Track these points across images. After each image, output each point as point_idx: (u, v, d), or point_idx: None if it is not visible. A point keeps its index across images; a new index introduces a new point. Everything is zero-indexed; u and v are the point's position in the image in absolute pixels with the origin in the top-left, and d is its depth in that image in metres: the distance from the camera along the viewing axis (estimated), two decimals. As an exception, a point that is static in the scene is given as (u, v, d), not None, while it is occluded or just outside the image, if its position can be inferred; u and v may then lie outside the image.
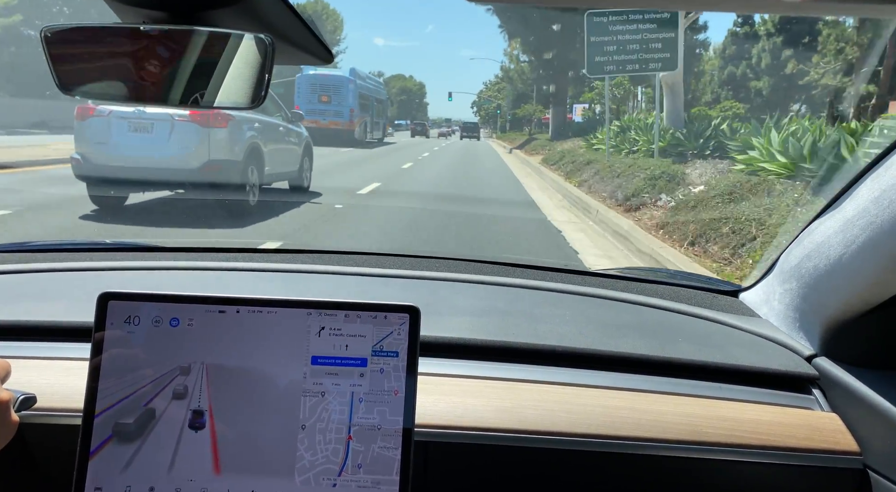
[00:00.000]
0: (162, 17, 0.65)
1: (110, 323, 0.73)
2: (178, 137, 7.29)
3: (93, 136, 7.25)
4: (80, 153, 7.21)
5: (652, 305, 1.21)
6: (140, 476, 0.71)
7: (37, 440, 0.83)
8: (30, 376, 0.86)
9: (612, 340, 1.03)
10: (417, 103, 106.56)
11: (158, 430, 0.72)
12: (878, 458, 0.85)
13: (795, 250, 1.06)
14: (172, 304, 0.74)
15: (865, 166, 0.92)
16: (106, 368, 0.73)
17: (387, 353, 0.74)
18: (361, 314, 0.75)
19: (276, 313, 0.75)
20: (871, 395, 0.86)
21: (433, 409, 0.86)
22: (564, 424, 0.87)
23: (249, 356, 0.74)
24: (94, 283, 1.19)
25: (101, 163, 7.17)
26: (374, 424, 0.73)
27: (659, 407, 0.90)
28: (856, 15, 0.91)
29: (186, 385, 0.73)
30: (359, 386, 0.74)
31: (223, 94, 0.69)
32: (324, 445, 0.72)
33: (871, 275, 0.86)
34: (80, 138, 7.30)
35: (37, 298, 1.11)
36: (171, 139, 7.27)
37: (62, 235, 6.07)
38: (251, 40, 0.66)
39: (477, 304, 1.16)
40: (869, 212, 0.86)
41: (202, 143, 7.32)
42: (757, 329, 1.11)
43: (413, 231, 7.36)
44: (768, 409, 0.92)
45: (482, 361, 0.99)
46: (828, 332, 0.97)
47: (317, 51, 0.73)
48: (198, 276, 1.26)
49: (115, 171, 7.16)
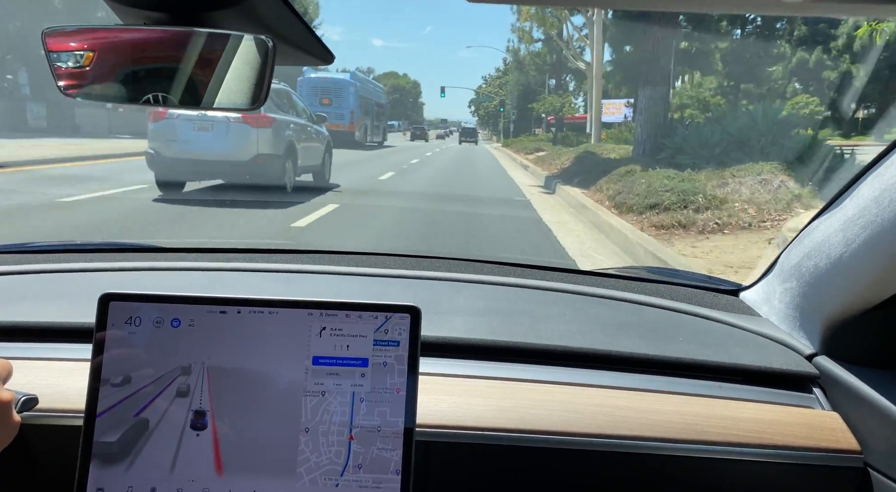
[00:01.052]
0: (163, 19, 0.65)
1: (111, 324, 0.73)
2: (232, 135, 9.01)
3: (163, 134, 8.89)
4: (153, 148, 8.91)
5: (652, 304, 1.21)
6: (142, 477, 0.71)
7: (38, 441, 0.83)
8: (31, 377, 0.86)
9: (612, 340, 1.03)
10: (412, 103, 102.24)
11: (160, 430, 0.72)
12: (878, 456, 0.85)
13: (796, 249, 1.06)
14: (173, 304, 0.75)
15: (866, 165, 0.92)
16: (107, 368, 0.73)
17: (388, 342, 0.74)
18: (363, 314, 0.75)
19: (277, 314, 0.75)
20: (872, 394, 0.86)
21: (434, 408, 0.86)
22: (565, 423, 0.87)
23: (250, 357, 0.74)
24: (94, 284, 1.19)
25: (170, 156, 8.87)
26: (375, 426, 0.73)
27: (660, 406, 0.90)
28: (856, 15, 0.92)
29: (188, 386, 0.73)
30: (360, 386, 0.74)
31: (224, 94, 0.69)
32: (326, 447, 0.73)
33: (871, 274, 0.86)
34: (152, 136, 8.96)
35: (37, 298, 1.11)
36: (227, 137, 9.01)
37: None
38: (252, 41, 0.66)
39: (478, 303, 1.16)
40: (869, 211, 0.86)
41: (252, 140, 9.04)
42: (757, 328, 1.11)
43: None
44: (769, 408, 0.92)
45: (483, 360, 0.99)
46: (828, 331, 0.97)
47: (317, 51, 0.74)
48: (198, 276, 1.26)
49: (181, 162, 8.92)
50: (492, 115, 73.22)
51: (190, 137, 8.91)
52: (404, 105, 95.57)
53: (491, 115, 73.95)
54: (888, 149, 0.88)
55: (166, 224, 7.08)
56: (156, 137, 8.94)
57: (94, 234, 6.39)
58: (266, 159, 9.17)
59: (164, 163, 8.92)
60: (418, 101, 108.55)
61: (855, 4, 0.57)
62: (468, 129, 60.75)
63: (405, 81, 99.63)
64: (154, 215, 7.67)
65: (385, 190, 11.77)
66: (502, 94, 60.86)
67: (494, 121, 72.20)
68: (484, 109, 76.78)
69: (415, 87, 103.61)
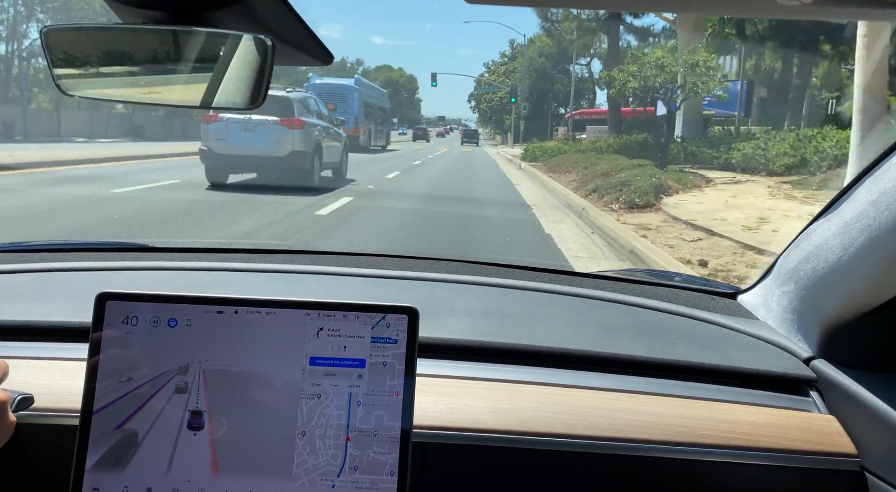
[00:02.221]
0: (162, 18, 0.65)
1: (108, 323, 0.73)
2: (272, 135, 11.10)
3: (214, 135, 10.96)
4: (206, 146, 11.07)
5: (650, 306, 1.21)
6: (138, 477, 0.71)
7: (34, 441, 0.83)
8: (27, 376, 0.86)
9: (610, 342, 1.03)
10: (407, 99, 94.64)
11: (156, 430, 0.72)
12: (875, 460, 0.85)
13: (794, 253, 1.06)
14: (170, 304, 0.74)
15: (864, 169, 0.93)
16: (104, 368, 0.73)
17: (386, 339, 0.74)
18: (360, 315, 0.75)
19: (274, 314, 0.75)
20: (869, 397, 0.86)
21: (431, 410, 0.86)
22: (562, 425, 0.87)
23: (247, 357, 0.74)
24: (91, 283, 1.19)
25: (220, 152, 11.00)
26: (371, 429, 0.73)
27: (657, 409, 0.91)
28: (857, 19, 0.91)
29: (184, 386, 0.73)
30: (357, 387, 0.74)
31: (222, 94, 0.69)
32: (323, 450, 0.72)
33: (868, 277, 0.86)
34: (205, 136, 11.13)
35: (34, 298, 1.11)
36: (267, 136, 11.06)
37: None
38: (251, 41, 0.66)
39: (475, 305, 1.16)
40: (867, 214, 0.86)
41: (288, 139, 11.20)
42: (755, 331, 1.11)
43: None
44: (766, 411, 0.93)
45: (480, 362, 0.99)
46: (825, 334, 0.97)
47: (316, 52, 0.74)
48: (196, 276, 1.26)
49: (229, 158, 11.05)
50: (496, 110, 59.89)
51: (237, 137, 10.96)
52: (399, 101, 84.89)
53: (495, 110, 60.30)
54: (885, 153, 0.88)
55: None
56: (208, 136, 11.00)
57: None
58: (299, 155, 11.27)
59: (215, 158, 11.01)
60: (415, 98, 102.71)
61: (855, 8, 0.57)
62: (470, 131, 58.53)
63: (399, 75, 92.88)
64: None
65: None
66: (509, 83, 50.58)
67: (499, 117, 59.99)
68: (486, 103, 62.49)
69: (410, 81, 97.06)
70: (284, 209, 8.65)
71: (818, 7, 0.54)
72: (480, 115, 70.55)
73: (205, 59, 0.67)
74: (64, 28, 0.68)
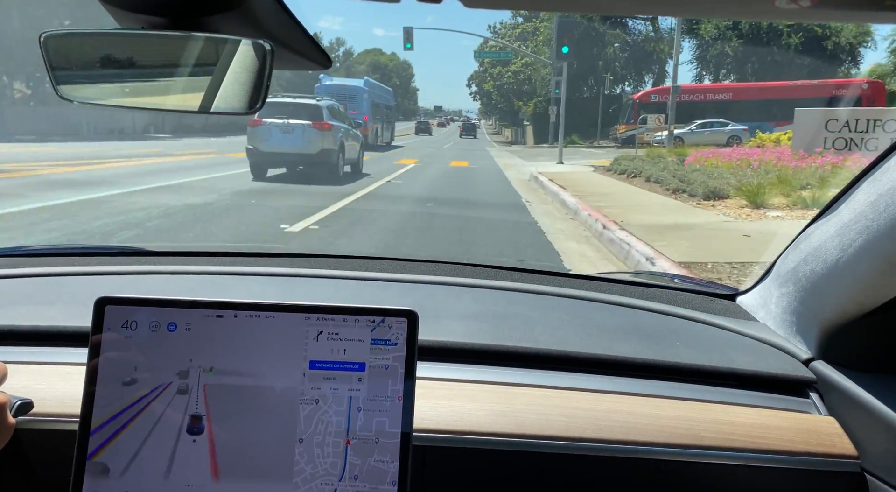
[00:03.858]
0: (161, 23, 0.65)
1: (107, 328, 0.73)
2: (306, 136, 13.67)
3: (259, 136, 13.41)
4: (252, 146, 13.49)
5: (649, 308, 1.21)
6: (137, 482, 0.71)
7: (33, 446, 0.83)
8: (26, 381, 0.86)
9: (609, 344, 1.03)
10: (402, 88, 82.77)
11: (156, 434, 0.72)
12: (875, 461, 0.85)
13: (792, 254, 1.06)
14: (170, 308, 0.74)
15: (862, 171, 0.93)
16: (103, 373, 0.72)
17: (385, 341, 0.74)
18: (360, 318, 0.75)
19: (273, 318, 0.75)
20: (869, 398, 0.86)
21: (431, 413, 0.86)
22: (562, 428, 0.87)
23: (247, 361, 0.74)
24: (90, 287, 1.19)
25: (264, 151, 13.46)
26: (373, 436, 0.73)
27: (656, 411, 0.91)
28: (856, 21, 0.91)
29: (184, 390, 0.73)
30: (357, 391, 0.74)
31: (221, 99, 0.69)
32: (322, 458, 0.72)
33: (867, 279, 0.86)
34: (251, 138, 13.51)
35: (33, 302, 1.11)
36: (302, 137, 13.62)
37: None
38: (250, 46, 0.66)
39: (474, 307, 1.16)
40: (865, 216, 0.86)
41: (319, 138, 13.75)
42: (754, 333, 1.11)
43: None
44: (765, 412, 0.93)
45: (479, 365, 0.99)
46: (825, 335, 0.97)
47: (315, 56, 0.74)
48: (195, 280, 1.26)
49: (270, 155, 13.53)
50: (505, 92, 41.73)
51: (277, 137, 13.45)
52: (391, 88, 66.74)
53: (504, 95, 41.91)
54: (884, 154, 0.88)
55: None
56: (253, 137, 13.45)
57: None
58: (328, 152, 13.87)
59: (259, 155, 13.46)
60: (410, 86, 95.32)
61: (853, 11, 0.57)
62: (469, 124, 57.69)
63: (388, 60, 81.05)
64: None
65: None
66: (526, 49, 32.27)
67: (508, 102, 41.93)
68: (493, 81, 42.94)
69: (404, 68, 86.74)
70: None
71: (816, 9, 0.54)
72: (483, 101, 53.28)
73: (204, 64, 0.67)
74: (63, 34, 0.68)
